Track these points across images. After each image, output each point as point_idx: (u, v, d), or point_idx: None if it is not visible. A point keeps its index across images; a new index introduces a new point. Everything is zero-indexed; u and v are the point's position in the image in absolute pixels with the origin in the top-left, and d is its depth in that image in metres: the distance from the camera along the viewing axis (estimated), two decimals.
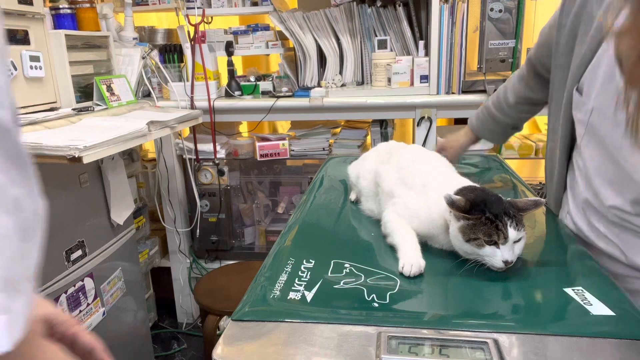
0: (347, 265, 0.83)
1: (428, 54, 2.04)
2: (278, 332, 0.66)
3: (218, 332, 1.85)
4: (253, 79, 2.28)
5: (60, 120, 1.63)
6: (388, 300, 0.72)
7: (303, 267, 0.83)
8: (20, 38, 1.65)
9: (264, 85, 2.26)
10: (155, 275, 2.52)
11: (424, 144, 2.04)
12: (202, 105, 2.17)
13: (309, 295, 0.73)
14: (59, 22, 1.97)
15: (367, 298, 0.72)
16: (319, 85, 2.19)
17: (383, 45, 2.12)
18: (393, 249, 0.87)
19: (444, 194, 0.79)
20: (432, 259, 0.82)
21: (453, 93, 2.02)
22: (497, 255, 0.76)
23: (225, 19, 2.68)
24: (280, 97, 2.13)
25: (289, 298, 0.73)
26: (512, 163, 1.47)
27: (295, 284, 0.77)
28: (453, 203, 0.79)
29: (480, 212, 0.77)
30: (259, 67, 2.83)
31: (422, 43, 2.08)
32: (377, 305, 0.70)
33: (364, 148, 2.23)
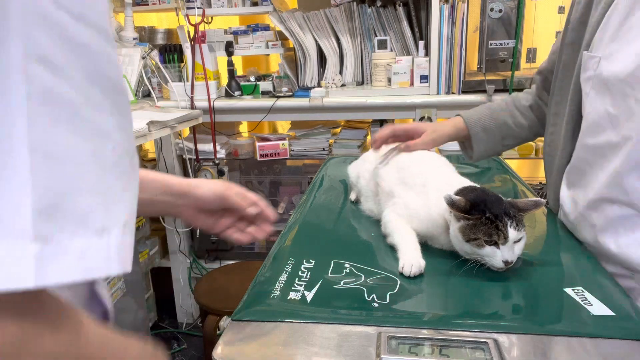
0: (347, 265, 0.83)
1: (428, 54, 2.04)
2: (278, 332, 0.66)
3: (218, 332, 1.85)
4: (253, 79, 2.28)
5: None
6: (388, 300, 0.72)
7: (303, 267, 0.83)
8: None
9: (264, 85, 2.26)
10: (155, 275, 2.51)
11: None
12: (202, 105, 2.17)
13: (309, 296, 0.73)
14: None
15: (367, 298, 0.72)
16: (319, 85, 2.19)
17: (383, 45, 2.12)
18: (393, 249, 0.87)
19: (444, 195, 0.79)
20: (432, 259, 0.82)
21: (453, 93, 2.02)
22: (497, 255, 0.76)
23: (225, 19, 2.68)
24: (280, 97, 2.13)
25: (289, 298, 0.73)
26: (512, 163, 1.47)
27: (295, 284, 0.77)
28: (453, 203, 0.79)
29: (481, 212, 0.77)
30: (259, 67, 2.83)
31: (422, 43, 2.08)
32: (377, 305, 0.70)
33: (364, 148, 2.23)
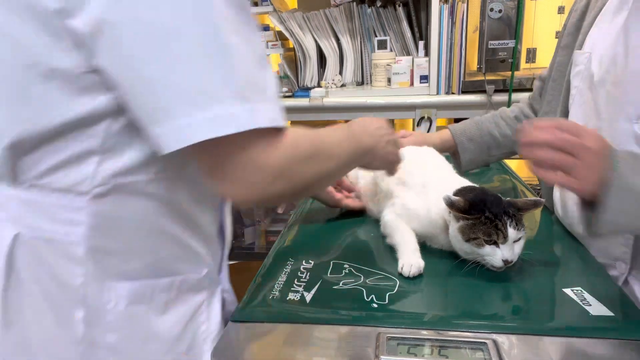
0: (346, 266, 0.83)
1: (428, 54, 2.04)
2: (277, 332, 0.66)
3: None
4: None
5: None
6: (387, 301, 0.72)
7: (302, 267, 0.83)
8: None
9: None
10: None
11: None
12: None
13: (308, 296, 0.74)
14: None
15: (366, 299, 0.72)
16: (319, 86, 2.19)
17: (383, 46, 2.12)
18: (392, 250, 0.87)
19: (443, 195, 0.79)
20: (431, 260, 0.82)
21: (453, 93, 2.02)
22: (497, 255, 0.76)
23: None
24: (280, 97, 2.13)
25: (288, 299, 0.73)
26: (512, 163, 1.47)
27: (295, 285, 0.77)
28: (452, 204, 0.79)
29: (480, 211, 0.77)
30: None
31: (422, 43, 2.08)
32: (376, 306, 0.70)
33: None
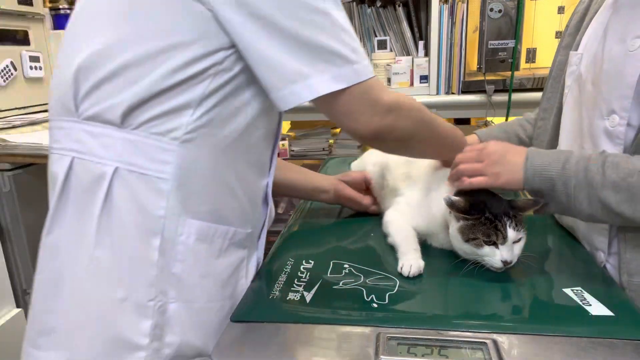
0: (346, 266, 0.83)
1: (428, 54, 2.04)
2: (277, 332, 0.66)
3: None
4: None
5: None
6: (387, 301, 0.72)
7: (302, 267, 0.83)
8: (20, 38, 1.66)
9: None
10: None
11: None
12: None
13: (308, 296, 0.73)
14: (59, 22, 1.97)
15: (366, 299, 0.72)
16: None
17: (383, 46, 2.12)
18: (392, 250, 0.87)
19: (444, 196, 0.79)
20: (431, 260, 0.82)
21: (453, 93, 2.02)
22: (496, 255, 0.76)
23: None
24: None
25: (288, 299, 0.73)
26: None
27: (295, 285, 0.77)
28: (452, 204, 0.79)
29: (480, 212, 0.77)
30: None
31: (421, 43, 2.08)
32: (376, 306, 0.70)
33: (364, 148, 2.23)
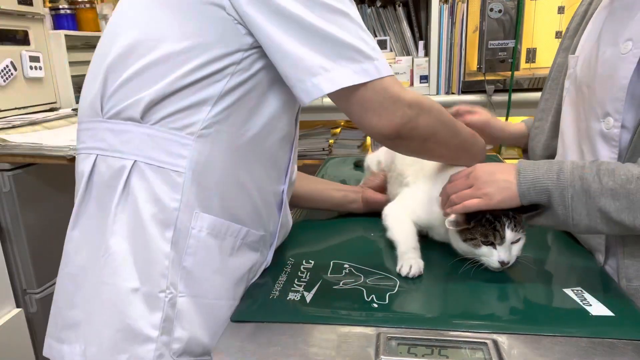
0: (346, 266, 0.83)
1: (428, 54, 2.04)
2: (277, 332, 0.66)
3: None
4: None
5: (60, 121, 1.63)
6: (387, 301, 0.72)
7: (302, 267, 0.83)
8: (20, 38, 1.66)
9: None
10: None
11: None
12: None
13: (309, 296, 0.74)
14: (59, 22, 1.97)
15: (366, 299, 0.72)
16: None
17: (383, 46, 2.12)
18: (392, 249, 0.87)
19: (446, 221, 0.79)
20: (431, 259, 0.82)
21: (453, 93, 2.02)
22: (493, 256, 0.76)
23: None
24: None
25: (289, 299, 0.73)
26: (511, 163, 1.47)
27: (295, 285, 0.77)
28: (457, 224, 0.78)
29: (480, 214, 0.77)
30: None
31: (422, 43, 2.08)
32: (376, 306, 0.70)
33: (364, 148, 2.23)
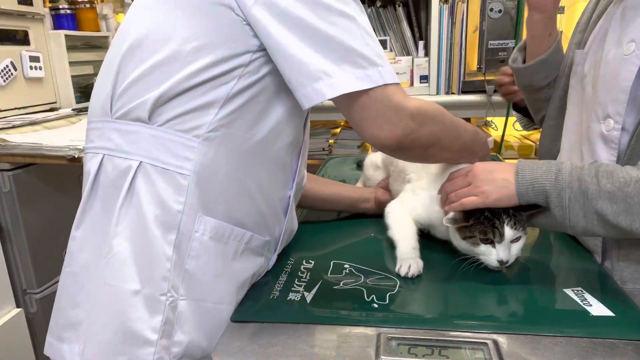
0: (346, 266, 0.83)
1: (428, 54, 2.04)
2: (278, 333, 0.66)
3: None
4: None
5: (60, 121, 1.63)
6: (388, 301, 0.72)
7: (303, 267, 0.83)
8: (20, 38, 1.65)
9: None
10: None
11: None
12: None
13: (309, 296, 0.74)
14: (59, 22, 1.97)
15: (366, 299, 0.72)
16: None
17: (383, 46, 2.12)
18: (393, 249, 0.86)
19: (444, 219, 0.79)
20: (431, 259, 0.82)
21: (453, 93, 2.02)
22: (492, 255, 0.76)
23: None
24: None
25: (289, 299, 0.73)
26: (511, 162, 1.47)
27: (295, 285, 0.77)
28: (455, 221, 0.78)
29: (479, 212, 0.77)
30: None
31: (421, 43, 2.08)
32: (376, 306, 0.70)
33: (364, 148, 2.23)
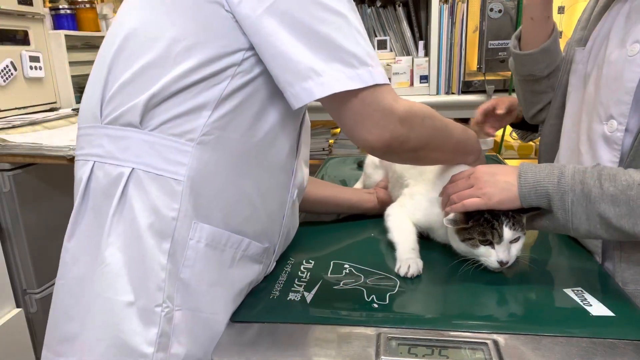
0: (346, 266, 0.83)
1: (428, 54, 2.04)
2: (278, 333, 0.66)
3: None
4: None
5: (60, 121, 1.63)
6: (388, 301, 0.72)
7: (303, 267, 0.83)
8: (20, 38, 1.65)
9: None
10: None
11: None
12: None
13: (309, 296, 0.74)
14: (59, 22, 1.97)
15: (366, 299, 0.72)
16: None
17: (383, 46, 2.12)
18: (393, 250, 0.87)
19: (445, 219, 0.79)
20: (431, 260, 0.82)
21: (453, 93, 2.02)
22: (491, 256, 0.76)
23: None
24: None
25: (289, 299, 0.73)
26: (512, 163, 1.47)
27: (295, 285, 0.77)
28: (455, 222, 0.78)
29: (478, 214, 0.77)
30: None
31: (421, 43, 2.08)
32: (376, 306, 0.70)
33: (363, 149, 2.23)
